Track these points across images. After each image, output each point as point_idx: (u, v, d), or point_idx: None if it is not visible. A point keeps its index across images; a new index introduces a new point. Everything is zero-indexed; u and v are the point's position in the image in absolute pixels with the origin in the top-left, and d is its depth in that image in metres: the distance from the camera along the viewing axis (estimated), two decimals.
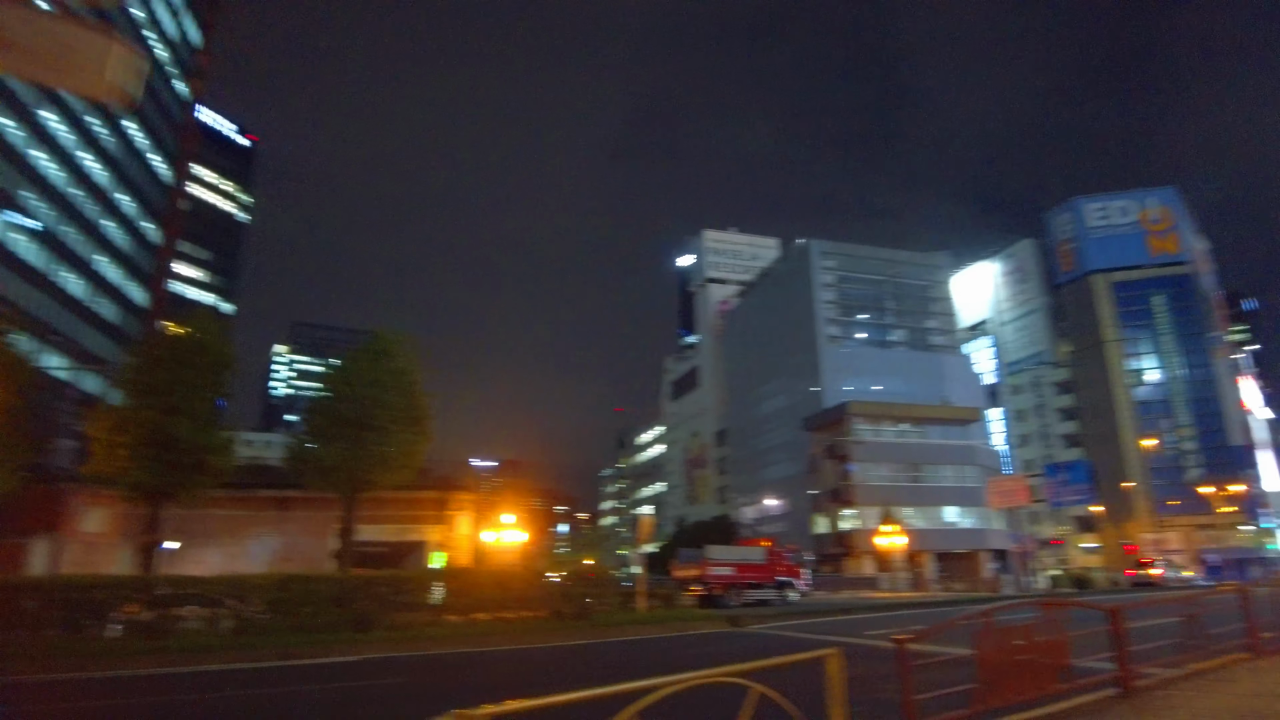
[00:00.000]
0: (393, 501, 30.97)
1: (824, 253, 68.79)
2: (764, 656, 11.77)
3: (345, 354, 21.99)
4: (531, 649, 14.26)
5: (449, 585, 17.56)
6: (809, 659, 4.88)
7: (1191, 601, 8.14)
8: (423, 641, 14.40)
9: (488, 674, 11.37)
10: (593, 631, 16.37)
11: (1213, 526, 65.59)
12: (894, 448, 54.39)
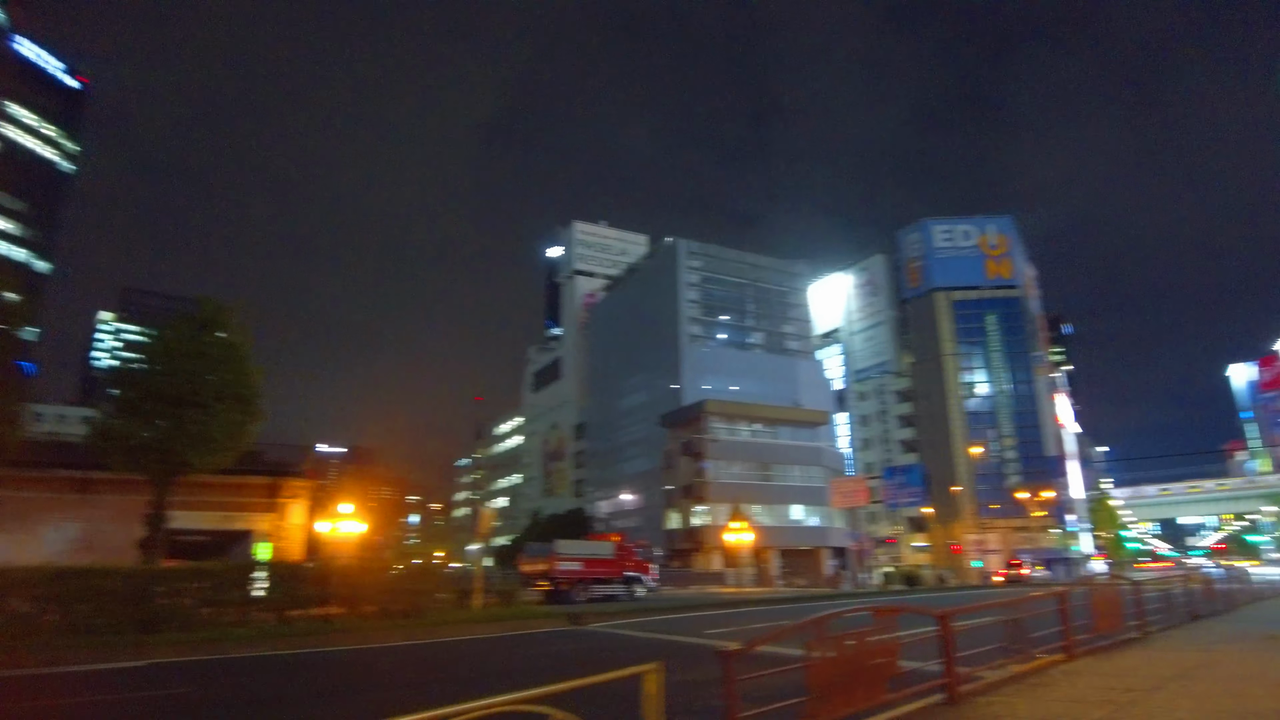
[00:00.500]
0: (216, 486, 28.31)
1: (690, 252, 69.63)
2: (599, 657, 11.13)
3: (165, 323, 19.73)
4: (347, 651, 13.10)
5: (269, 579, 16.00)
6: (626, 676, 4.32)
7: (1015, 605, 8.24)
8: (225, 644, 12.91)
9: (286, 682, 10.21)
10: (421, 631, 15.32)
11: (1027, 529, 71.50)
12: (747, 447, 55.74)
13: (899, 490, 55.24)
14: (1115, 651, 9.32)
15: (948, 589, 47.62)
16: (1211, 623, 12.45)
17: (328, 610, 16.09)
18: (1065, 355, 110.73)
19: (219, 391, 18.70)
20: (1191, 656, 8.49)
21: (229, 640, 13.11)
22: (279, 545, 32.54)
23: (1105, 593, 10.36)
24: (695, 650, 12.64)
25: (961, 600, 27.97)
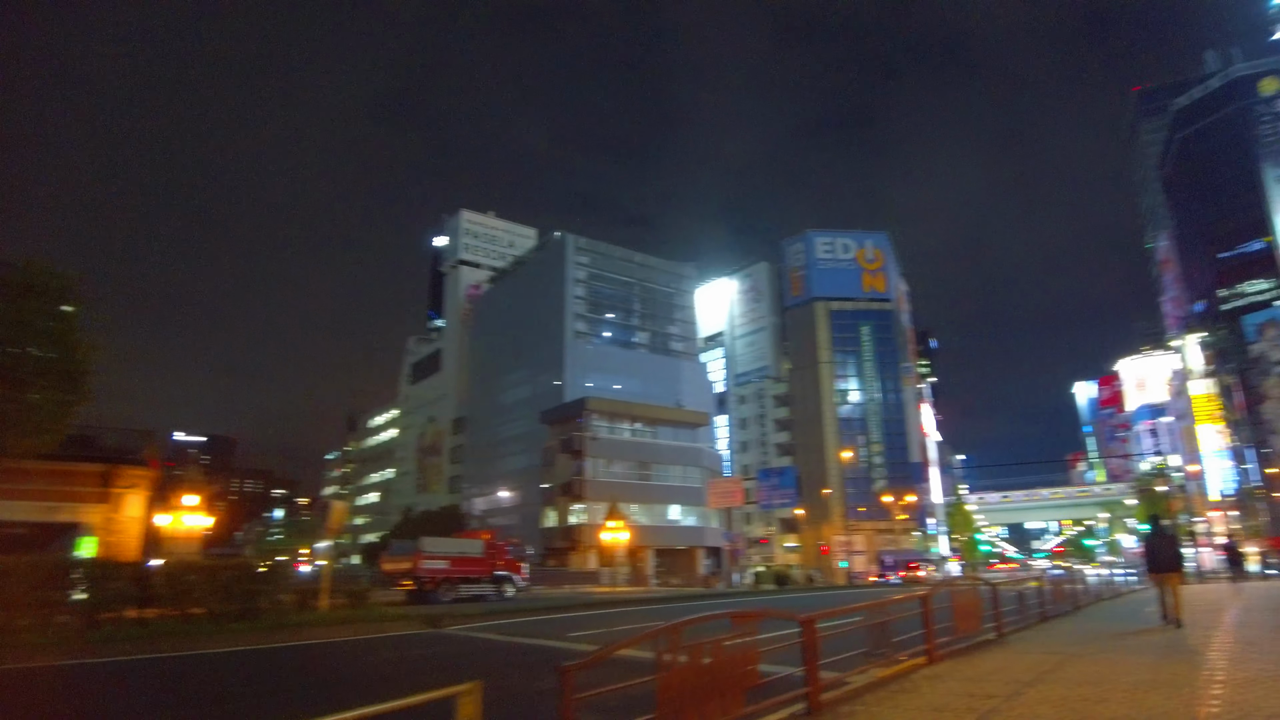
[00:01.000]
0: (39, 474, 25.18)
1: (579, 248, 68.92)
2: (446, 663, 10.17)
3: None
4: (148, 660, 11.61)
5: (85, 578, 14.12)
6: (439, 698, 3.57)
7: (879, 607, 7.95)
8: (15, 651, 11.18)
9: (60, 698, 8.79)
10: (254, 635, 13.88)
11: (891, 531, 74.69)
12: (627, 445, 55.48)
13: (773, 492, 56.37)
14: (975, 654, 9.25)
15: (816, 589, 48.86)
16: (1061, 623, 12.80)
17: (147, 612, 14.39)
18: (930, 368, 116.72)
19: (41, 366, 16.55)
20: (1046, 660, 8.48)
21: (20, 647, 11.36)
22: (110, 540, 29.48)
23: (965, 595, 10.35)
24: (555, 655, 11.93)
25: (829, 600, 28.49)
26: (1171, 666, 7.51)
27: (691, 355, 75.25)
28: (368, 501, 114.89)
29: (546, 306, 67.90)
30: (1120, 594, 20.63)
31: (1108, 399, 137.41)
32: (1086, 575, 28.32)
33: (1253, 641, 9.15)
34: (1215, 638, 9.78)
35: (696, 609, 23.93)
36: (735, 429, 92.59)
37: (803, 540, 79.26)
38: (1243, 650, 8.47)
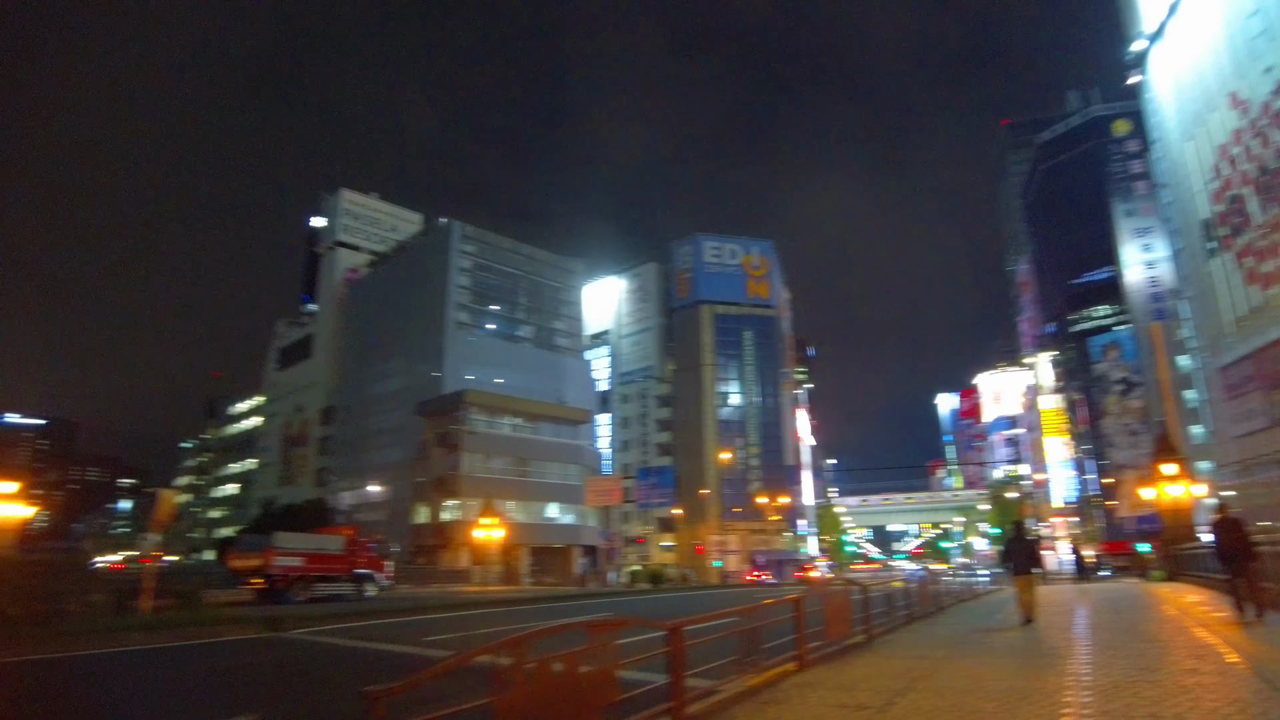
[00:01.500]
0: None
1: (465, 236, 66.75)
2: (276, 675, 8.96)
3: None
4: None
5: None
6: None
7: (751, 612, 7.43)
8: None
9: None
10: (54, 642, 12.09)
11: (764, 531, 76.32)
12: (506, 441, 54.05)
13: (652, 491, 56.28)
14: (845, 659, 8.92)
15: (691, 588, 49.04)
16: (926, 625, 12.80)
17: None
18: (807, 374, 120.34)
19: None
20: (917, 665, 8.21)
21: None
22: None
23: (837, 597, 10.05)
24: (406, 662, 10.90)
25: (702, 600, 28.35)
26: (1041, 673, 7.35)
27: (576, 352, 74.42)
28: (226, 494, 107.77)
29: (428, 295, 65.40)
30: (978, 595, 21.33)
31: (967, 410, 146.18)
32: (946, 577, 29.38)
33: (1110, 644, 9.24)
34: (1074, 639, 9.87)
35: (567, 609, 23.27)
36: (617, 428, 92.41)
37: (679, 540, 79.89)
38: (1102, 653, 8.50)
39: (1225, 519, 11.65)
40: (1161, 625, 11.32)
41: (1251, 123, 39.73)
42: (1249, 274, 41.06)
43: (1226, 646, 8.52)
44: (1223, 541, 11.38)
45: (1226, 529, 11.44)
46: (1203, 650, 8.44)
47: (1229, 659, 7.70)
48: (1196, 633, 10.07)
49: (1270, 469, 40.10)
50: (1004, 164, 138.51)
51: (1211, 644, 8.86)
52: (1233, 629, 10.17)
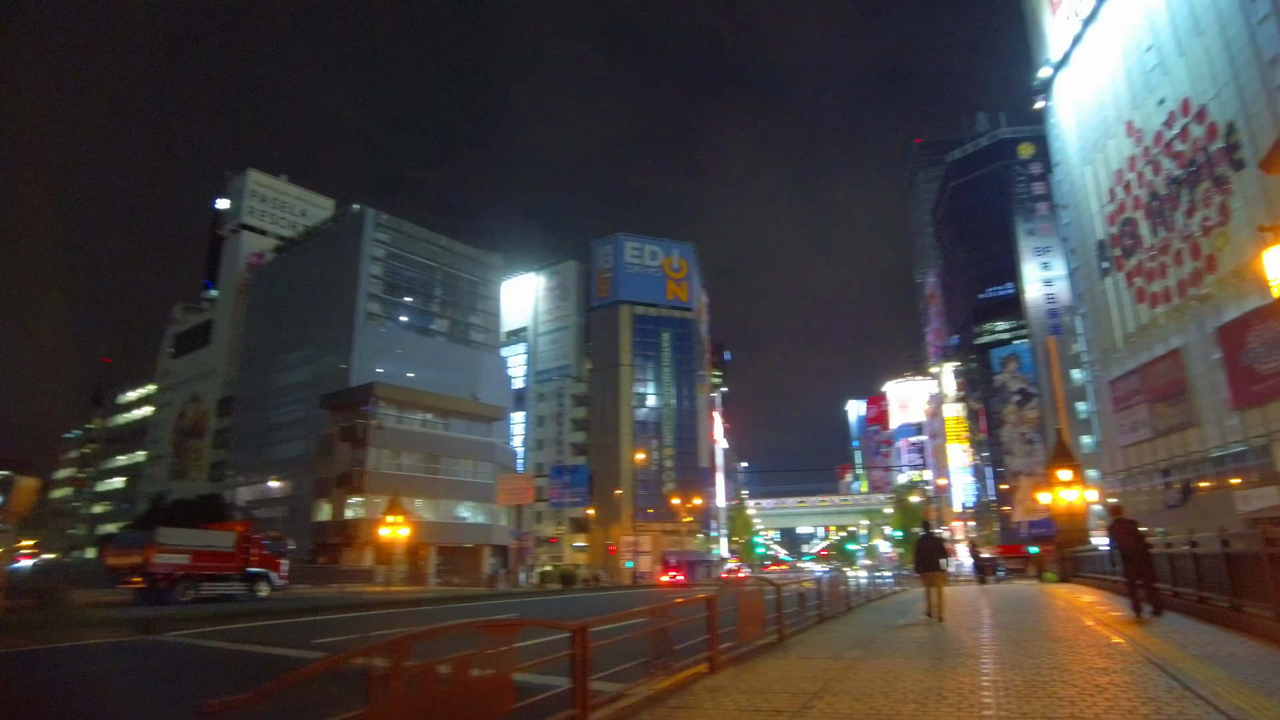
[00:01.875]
0: None
1: (379, 224, 64.41)
2: (138, 680, 8.05)
3: None
4: None
5: None
6: None
7: (662, 612, 7.01)
8: None
9: None
10: None
11: (676, 533, 76.57)
12: (416, 436, 52.39)
13: (565, 490, 55.50)
14: (757, 660, 8.61)
15: (602, 588, 48.59)
16: (838, 625, 12.68)
17: None
18: (722, 378, 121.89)
19: None
20: (830, 666, 7.95)
21: None
22: None
23: (751, 597, 9.75)
24: (289, 667, 10.03)
25: (613, 602, 27.93)
26: (954, 674, 7.18)
27: (492, 348, 72.93)
28: (111, 487, 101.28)
29: (338, 283, 62.84)
30: (885, 595, 21.61)
31: (874, 417, 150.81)
32: (847, 577, 29.86)
33: (1020, 643, 9.23)
34: (984, 638, 9.84)
35: (472, 610, 22.46)
36: (532, 426, 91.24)
37: (592, 540, 79.38)
38: (1013, 651, 8.45)
39: (1121, 521, 11.95)
40: (1065, 624, 11.48)
41: (1145, 151, 42.05)
42: (1138, 293, 43.44)
43: (1131, 645, 8.59)
44: (1121, 543, 11.65)
45: (1123, 531, 11.71)
46: (1110, 649, 8.49)
47: (1136, 658, 7.72)
48: (1100, 631, 10.21)
49: (1153, 477, 42.51)
50: (915, 181, 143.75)
51: (1117, 642, 8.94)
52: (1133, 627, 10.36)
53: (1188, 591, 11.68)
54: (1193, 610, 11.30)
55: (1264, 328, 32.61)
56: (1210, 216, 36.64)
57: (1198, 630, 9.60)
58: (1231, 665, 6.97)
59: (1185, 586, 11.88)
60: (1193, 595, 11.37)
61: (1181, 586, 12.07)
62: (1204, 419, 37.83)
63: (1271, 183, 32.33)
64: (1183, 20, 38.17)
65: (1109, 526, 12.24)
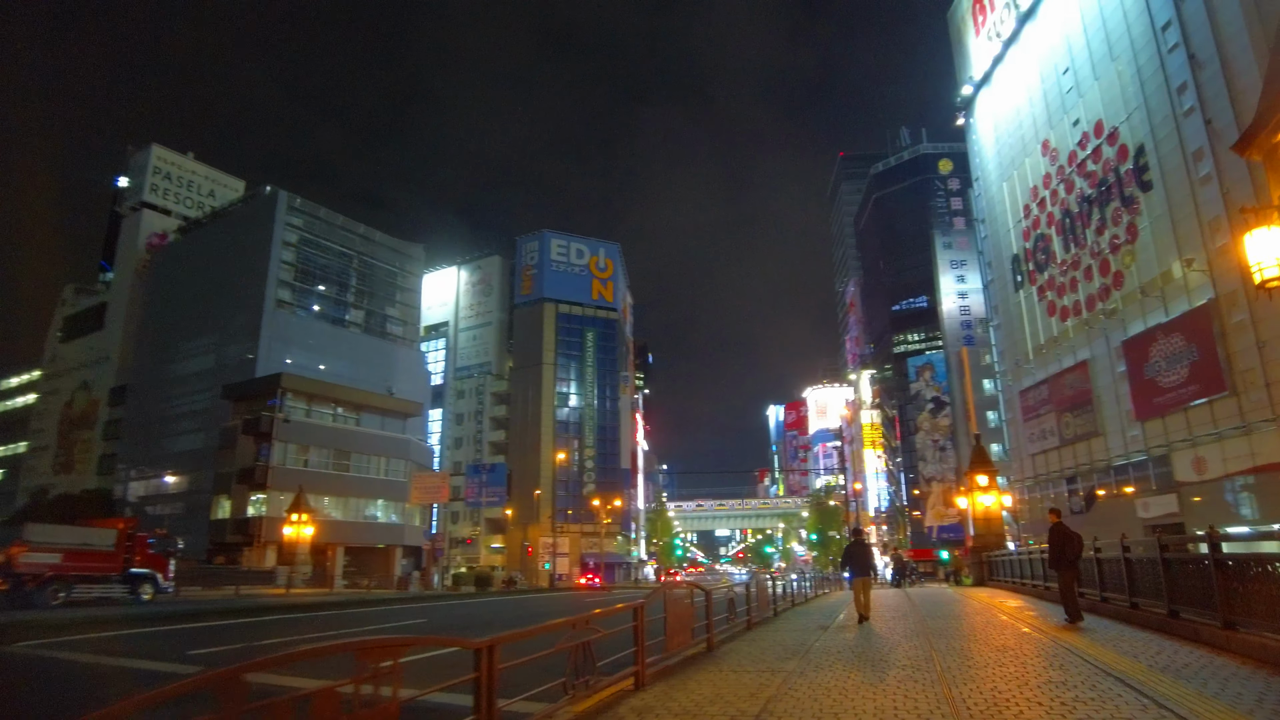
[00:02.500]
0: None
1: (293, 208, 61.31)
2: None
3: None
4: None
5: None
6: None
7: (584, 624, 6.16)
8: None
9: None
10: None
11: (596, 534, 75.65)
12: (326, 431, 49.98)
13: (482, 489, 53.84)
14: (687, 674, 7.85)
15: (518, 592, 47.31)
16: (767, 631, 12.07)
17: None
18: (644, 380, 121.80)
19: None
20: (768, 681, 7.26)
21: None
22: None
23: (680, 604, 8.98)
24: (151, 683, 8.74)
25: (531, 606, 26.82)
26: (906, 690, 6.57)
27: (410, 341, 70.49)
28: None
29: (246, 268, 59.52)
30: (809, 599, 21.25)
31: (793, 422, 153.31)
32: (766, 580, 29.60)
33: (964, 653, 8.73)
34: (924, 646, 9.31)
35: (377, 615, 21.07)
36: (450, 424, 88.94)
37: (509, 541, 77.77)
38: (959, 663, 7.92)
39: (1059, 526, 11.73)
40: (1002, 631, 11.13)
41: (1060, 169, 43.48)
42: (1050, 306, 44.87)
43: (1079, 655, 8.19)
44: (1060, 547, 11.41)
45: (1061, 535, 11.48)
46: (1060, 659, 8.06)
47: (1091, 670, 7.28)
48: (1040, 638, 9.84)
49: (1059, 484, 43.92)
50: (838, 192, 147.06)
51: (1063, 651, 8.53)
52: (1072, 634, 10.06)
53: (1116, 597, 11.52)
54: (1124, 616, 11.12)
55: (1166, 342, 33.96)
56: (1119, 235, 38.02)
57: (1139, 638, 9.30)
58: (1193, 678, 6.58)
59: (1114, 592, 11.72)
60: (1123, 601, 11.19)
61: (1110, 592, 11.92)
62: (1108, 429, 39.22)
63: (1175, 204, 33.77)
64: (1098, 45, 39.55)
65: (1050, 530, 12.00)
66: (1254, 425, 29.32)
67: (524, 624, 6.29)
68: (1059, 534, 11.60)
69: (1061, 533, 11.57)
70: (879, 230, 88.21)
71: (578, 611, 6.43)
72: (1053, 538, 11.73)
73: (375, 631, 15.55)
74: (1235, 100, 30.05)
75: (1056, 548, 11.55)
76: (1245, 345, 29.67)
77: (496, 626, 15.74)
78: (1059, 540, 11.53)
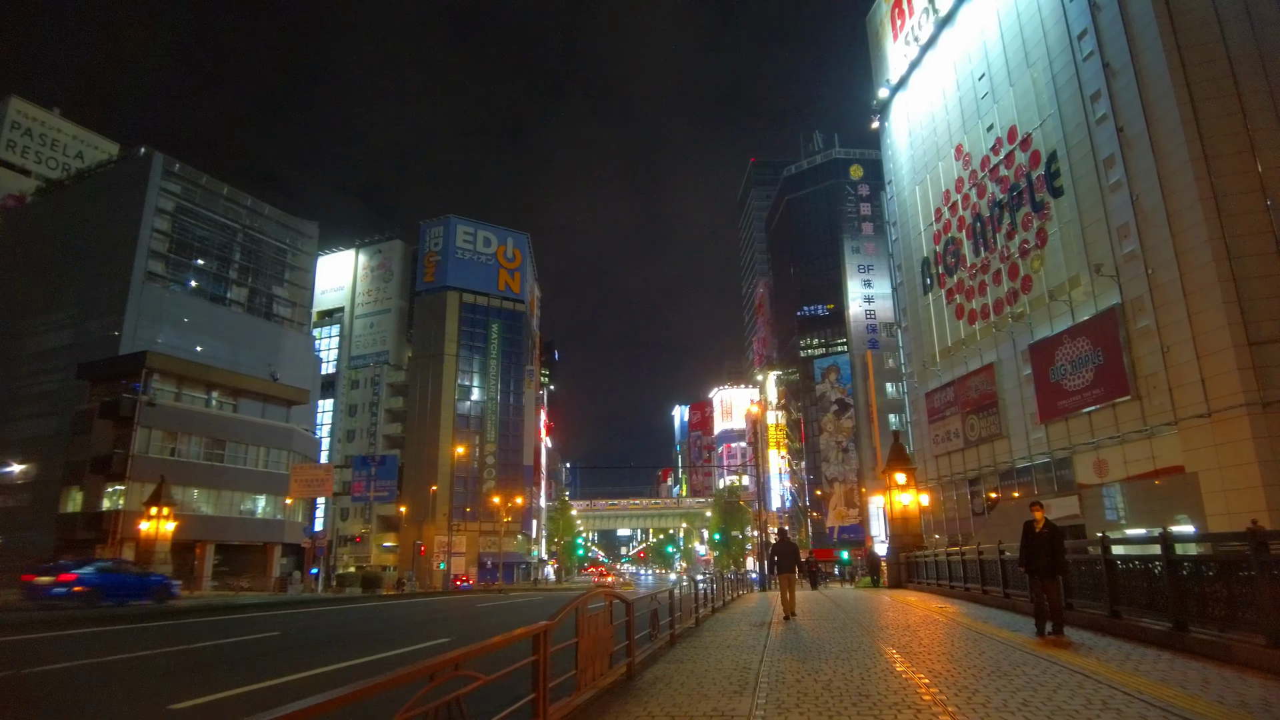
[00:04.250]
0: None
1: (170, 173, 55.85)
2: None
3: None
4: None
5: None
6: None
7: (464, 659, 4.08)
8: None
9: None
10: None
11: (495, 533, 72.79)
12: (198, 417, 45.49)
13: (371, 482, 50.22)
14: (605, 716, 5.91)
15: (407, 596, 44.28)
16: (694, 647, 10.24)
17: None
18: (550, 378, 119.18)
19: None
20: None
21: None
22: None
23: (594, 622, 6.95)
24: None
25: (415, 613, 24.18)
26: None
27: (299, 324, 65.66)
28: None
29: (113, 237, 53.82)
30: (729, 602, 19.61)
31: (697, 422, 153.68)
32: (669, 580, 27.99)
33: (950, 678, 7.10)
34: (904, 674, 7.64)
35: (229, 625, 18.25)
36: (342, 415, 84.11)
37: (403, 540, 74.03)
38: (966, 700, 6.27)
39: (1035, 524, 10.43)
40: (977, 645, 9.61)
41: (972, 174, 43.80)
42: (958, 310, 45.19)
43: (1083, 674, 6.69)
44: (1040, 547, 10.10)
45: (1043, 535, 10.18)
46: (1065, 679, 6.53)
47: (1110, 693, 5.76)
48: (1027, 652, 8.35)
49: (962, 485, 44.25)
50: (748, 198, 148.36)
51: (1060, 670, 7.01)
52: (1058, 649, 8.65)
53: (1091, 605, 10.28)
54: (1102, 627, 9.86)
55: (1072, 346, 34.30)
56: (1029, 240, 38.38)
57: (1147, 656, 7.94)
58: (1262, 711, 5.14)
59: (1086, 599, 10.49)
60: (1100, 610, 9.94)
61: (1083, 599, 10.70)
62: (1011, 431, 39.60)
63: (1085, 210, 34.14)
64: (1014, 52, 39.90)
65: (1026, 525, 10.68)
66: (1156, 429, 29.71)
67: (381, 643, 4.16)
68: (1037, 533, 10.30)
69: (1034, 532, 10.29)
70: (790, 232, 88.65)
71: (465, 620, 4.34)
72: (1029, 536, 10.42)
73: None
74: (1148, 108, 30.44)
75: (1034, 548, 10.23)
76: (1150, 350, 30.05)
77: (338, 650, 13.44)
78: (1036, 539, 10.22)
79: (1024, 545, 10.54)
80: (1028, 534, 10.56)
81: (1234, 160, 28.15)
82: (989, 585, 15.44)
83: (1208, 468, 27.04)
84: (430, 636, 14.43)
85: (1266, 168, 27.81)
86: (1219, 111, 28.72)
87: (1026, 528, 10.63)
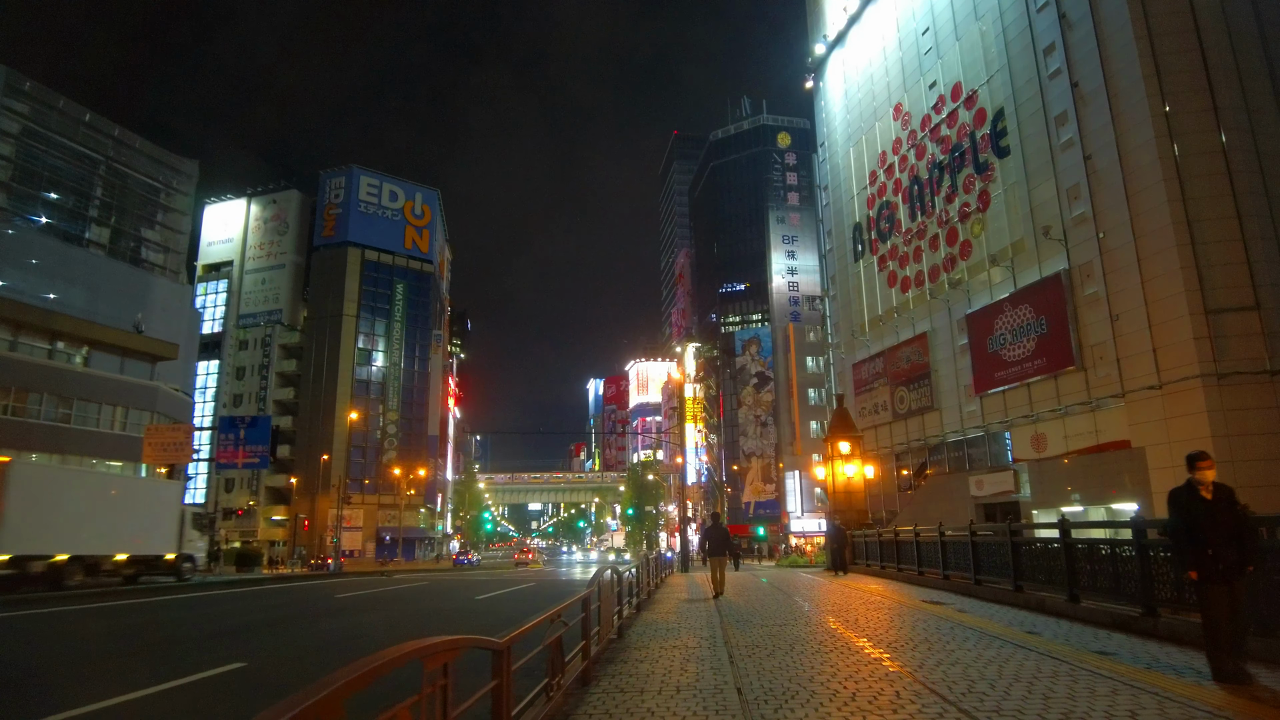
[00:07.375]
0: None
1: (17, 89, 48.19)
2: None
3: None
4: None
5: None
6: None
7: None
8: None
9: None
10: None
11: (395, 506, 68.07)
12: (38, 370, 39.29)
13: (240, 446, 44.64)
14: None
15: (283, 578, 39.69)
16: (626, 662, 6.87)
17: None
18: (461, 346, 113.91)
19: None
20: None
21: None
22: None
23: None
24: None
25: (287, 601, 20.00)
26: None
27: (174, 273, 58.64)
28: None
29: None
30: (651, 592, 16.35)
31: (612, 396, 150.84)
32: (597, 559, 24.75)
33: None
34: (832, 652, 4.43)
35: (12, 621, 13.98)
36: (229, 378, 77.16)
37: (293, 513, 68.31)
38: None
39: (1206, 487, 6.92)
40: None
41: (911, 134, 41.67)
42: (890, 277, 43.23)
43: None
44: (1211, 529, 6.39)
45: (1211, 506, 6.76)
46: None
47: None
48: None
49: (888, 460, 42.53)
50: (671, 171, 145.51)
51: None
52: None
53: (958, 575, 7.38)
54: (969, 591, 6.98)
55: (1014, 314, 32.57)
56: (970, 203, 36.49)
57: None
58: None
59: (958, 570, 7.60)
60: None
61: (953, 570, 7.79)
62: (944, 404, 37.94)
63: (1033, 170, 32.28)
64: (962, 3, 37.76)
65: (1179, 494, 6.02)
66: (1101, 401, 28.13)
67: None
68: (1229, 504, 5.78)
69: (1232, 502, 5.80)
70: (713, 200, 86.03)
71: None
72: (1207, 512, 5.79)
73: None
74: (1106, 63, 28.54)
75: (1221, 529, 5.71)
76: (1097, 318, 28.39)
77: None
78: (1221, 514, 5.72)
79: (1188, 525, 5.84)
80: (1193, 506, 5.88)
81: (1196, 119, 26.46)
82: (982, 575, 12.44)
83: (1156, 442, 25.46)
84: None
85: (1229, 128, 26.24)
86: (1182, 66, 26.99)
87: (1182, 497, 5.98)
